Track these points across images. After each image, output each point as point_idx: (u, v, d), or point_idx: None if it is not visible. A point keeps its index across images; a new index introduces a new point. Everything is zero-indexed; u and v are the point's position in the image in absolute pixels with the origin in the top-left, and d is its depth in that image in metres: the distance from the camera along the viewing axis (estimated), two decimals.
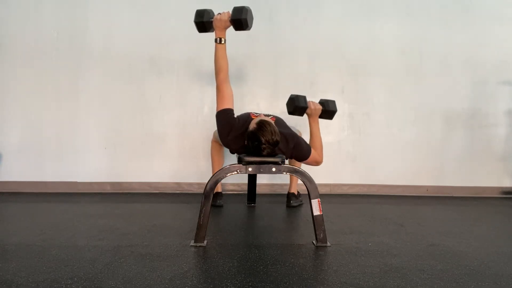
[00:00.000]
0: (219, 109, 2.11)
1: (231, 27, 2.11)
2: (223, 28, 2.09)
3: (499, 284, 1.47)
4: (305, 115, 2.30)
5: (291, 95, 2.27)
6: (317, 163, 2.29)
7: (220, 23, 2.06)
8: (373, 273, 1.55)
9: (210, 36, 2.37)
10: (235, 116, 2.16)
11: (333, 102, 2.31)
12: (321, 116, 2.31)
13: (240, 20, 2.03)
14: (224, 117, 2.10)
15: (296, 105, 2.22)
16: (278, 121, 2.31)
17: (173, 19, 3.33)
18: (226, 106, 2.10)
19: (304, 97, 2.26)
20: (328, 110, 2.29)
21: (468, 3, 3.50)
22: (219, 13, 2.08)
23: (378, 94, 3.49)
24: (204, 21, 2.10)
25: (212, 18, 2.10)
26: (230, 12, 2.07)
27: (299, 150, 2.20)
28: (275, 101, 3.41)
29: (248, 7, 2.08)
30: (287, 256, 1.74)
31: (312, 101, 2.25)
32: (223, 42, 2.09)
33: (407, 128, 3.51)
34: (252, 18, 2.13)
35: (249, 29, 2.13)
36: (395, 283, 1.46)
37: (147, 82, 3.36)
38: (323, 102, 2.30)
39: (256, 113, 2.35)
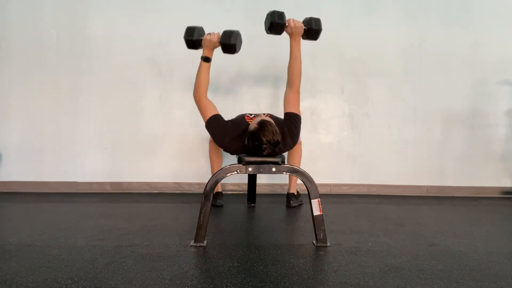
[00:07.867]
0: (207, 119, 2.13)
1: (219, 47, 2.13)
2: (212, 48, 2.13)
3: (499, 284, 1.47)
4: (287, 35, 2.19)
5: (269, 11, 2.14)
6: (298, 94, 2.20)
7: (209, 43, 2.11)
8: (373, 273, 1.55)
9: None
10: (226, 120, 2.18)
11: (318, 20, 2.17)
12: (304, 37, 2.20)
13: (229, 45, 2.07)
14: (214, 123, 2.13)
15: (272, 21, 2.10)
16: (273, 117, 2.32)
17: (173, 19, 3.32)
18: (212, 113, 2.13)
19: (282, 13, 2.13)
20: (311, 29, 2.15)
21: (468, 3, 3.50)
22: (209, 33, 2.11)
23: (378, 94, 3.48)
24: (193, 39, 2.13)
25: (202, 36, 2.13)
26: (220, 33, 2.10)
27: (295, 134, 2.19)
28: (275, 101, 3.41)
29: (238, 32, 2.11)
30: (287, 256, 1.74)
31: (292, 19, 2.14)
32: (209, 61, 2.13)
33: (407, 128, 3.51)
34: (241, 42, 2.15)
35: (237, 53, 2.15)
36: (395, 283, 1.45)
37: (147, 82, 3.36)
38: (306, 20, 2.17)
39: (251, 115, 2.35)
